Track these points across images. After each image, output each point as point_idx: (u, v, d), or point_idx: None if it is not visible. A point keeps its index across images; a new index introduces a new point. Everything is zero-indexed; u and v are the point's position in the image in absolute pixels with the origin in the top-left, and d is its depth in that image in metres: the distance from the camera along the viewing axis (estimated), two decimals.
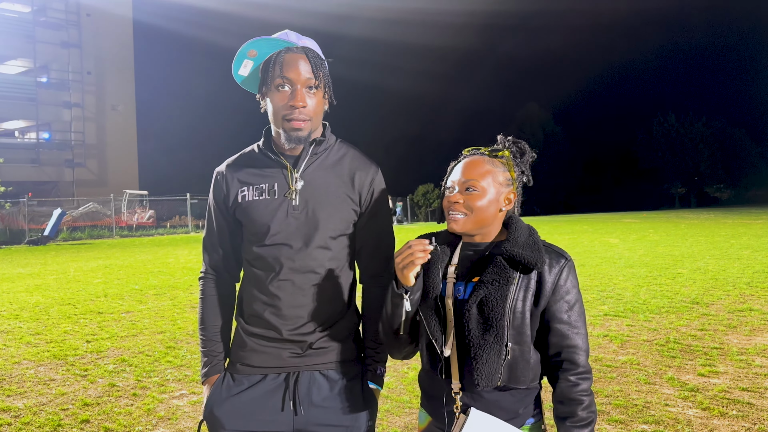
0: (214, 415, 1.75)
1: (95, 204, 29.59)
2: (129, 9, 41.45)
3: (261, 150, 1.81)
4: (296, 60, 1.68)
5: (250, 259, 1.79)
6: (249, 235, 1.79)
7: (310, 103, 1.70)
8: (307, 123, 1.70)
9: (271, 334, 1.74)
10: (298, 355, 1.74)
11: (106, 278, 11.50)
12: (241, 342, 1.79)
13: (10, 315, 7.86)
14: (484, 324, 1.50)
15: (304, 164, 1.75)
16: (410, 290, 1.55)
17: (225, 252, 1.86)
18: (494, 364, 1.49)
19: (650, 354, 5.32)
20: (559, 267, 1.55)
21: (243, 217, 1.77)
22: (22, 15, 37.32)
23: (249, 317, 1.79)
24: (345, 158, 1.81)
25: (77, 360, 5.61)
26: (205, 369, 1.84)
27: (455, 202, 1.58)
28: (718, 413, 3.91)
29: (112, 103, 39.85)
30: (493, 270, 1.53)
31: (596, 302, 7.81)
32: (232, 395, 1.75)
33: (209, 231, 1.88)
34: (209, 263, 1.89)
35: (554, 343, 1.55)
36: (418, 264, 1.51)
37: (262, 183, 1.76)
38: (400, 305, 1.56)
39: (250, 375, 1.76)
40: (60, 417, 4.14)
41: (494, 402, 1.55)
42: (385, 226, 1.85)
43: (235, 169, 1.82)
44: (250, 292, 1.78)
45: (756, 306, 7.25)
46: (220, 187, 1.82)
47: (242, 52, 1.72)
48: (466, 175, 1.59)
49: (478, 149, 1.65)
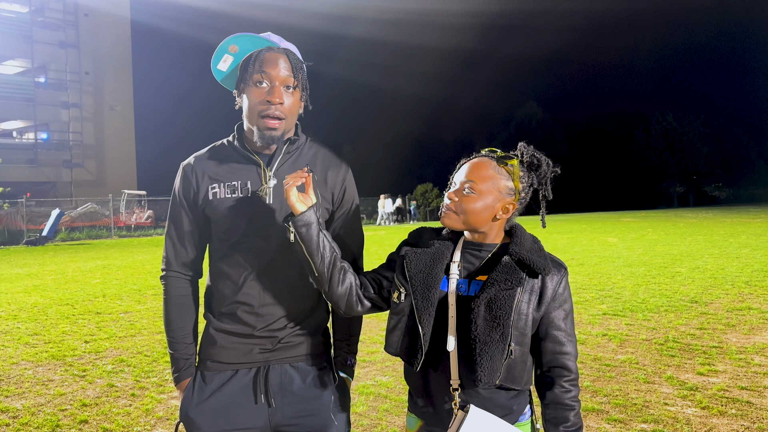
0: (189, 417, 1.75)
1: (93, 204, 29.53)
2: (127, 9, 41.37)
3: (232, 146, 1.79)
4: (276, 58, 1.69)
5: (220, 256, 1.78)
6: (219, 233, 1.77)
7: (287, 101, 1.70)
8: (281, 122, 1.70)
9: (242, 331, 1.74)
10: (268, 350, 1.75)
11: (104, 278, 11.48)
12: (211, 339, 1.78)
13: (9, 315, 7.85)
14: (491, 322, 1.51)
15: (277, 163, 1.75)
16: (294, 220, 1.59)
17: (190, 249, 1.82)
18: (497, 362, 1.50)
19: (649, 353, 5.32)
20: (560, 276, 1.60)
21: (213, 215, 1.75)
22: (19, 15, 37.24)
23: (219, 315, 1.78)
24: (316, 157, 1.82)
25: (76, 360, 5.60)
26: (176, 373, 1.82)
27: (450, 199, 1.61)
28: (717, 412, 3.91)
29: (110, 104, 39.78)
30: (502, 270, 1.55)
31: (595, 301, 7.81)
32: (206, 397, 1.75)
33: (174, 227, 1.82)
34: (174, 260, 1.83)
35: (549, 348, 1.60)
36: (292, 187, 1.58)
37: (233, 180, 1.75)
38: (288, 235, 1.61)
39: (221, 372, 1.76)
40: (58, 417, 4.13)
41: (490, 399, 1.57)
42: (355, 223, 1.89)
43: (204, 164, 1.78)
44: (221, 289, 1.77)
45: (755, 305, 7.25)
46: (189, 182, 1.78)
47: (223, 46, 1.71)
48: (468, 175, 1.61)
49: (494, 151, 1.64)
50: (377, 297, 1.71)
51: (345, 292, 1.66)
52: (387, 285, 1.71)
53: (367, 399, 4.35)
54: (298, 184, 1.59)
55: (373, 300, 1.71)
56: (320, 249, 1.61)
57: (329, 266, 1.63)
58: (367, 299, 1.70)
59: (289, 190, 1.58)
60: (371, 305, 1.71)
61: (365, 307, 1.70)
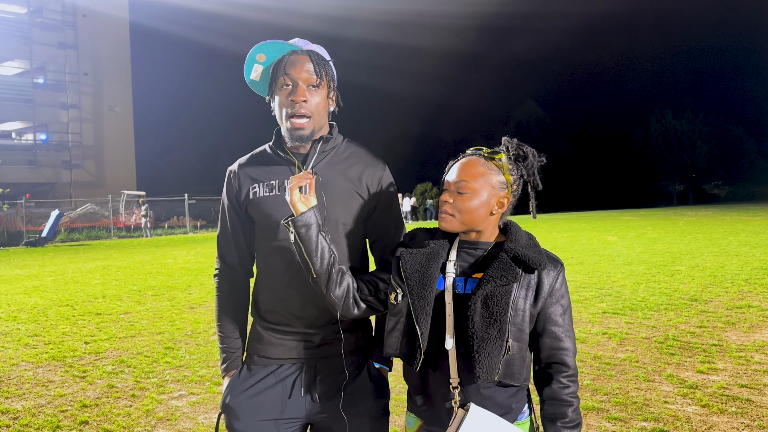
0: (229, 406, 1.82)
1: (93, 205, 29.56)
2: (125, 10, 41.41)
3: (271, 149, 1.88)
4: (299, 60, 1.77)
5: (262, 255, 1.86)
6: (261, 232, 1.85)
7: (312, 99, 1.76)
8: (308, 120, 1.76)
9: (286, 328, 1.81)
10: (312, 346, 1.80)
11: (104, 279, 11.49)
12: (258, 335, 1.86)
13: (9, 317, 7.85)
14: (488, 318, 1.52)
15: (312, 161, 1.81)
16: (294, 220, 1.60)
17: (239, 249, 1.92)
18: (495, 358, 1.50)
19: (649, 351, 5.32)
20: (556, 271, 1.60)
21: (255, 214, 1.83)
22: (18, 16, 37.26)
23: (264, 312, 1.85)
24: (353, 156, 1.87)
25: (76, 361, 5.60)
26: (224, 365, 1.91)
27: (446, 201, 1.62)
28: (718, 410, 3.91)
29: (109, 104, 39.82)
30: (498, 266, 1.56)
31: (595, 300, 7.82)
32: (248, 387, 1.81)
33: (223, 228, 1.93)
34: (224, 260, 1.94)
35: (547, 344, 1.61)
36: (294, 188, 1.60)
37: (272, 180, 1.82)
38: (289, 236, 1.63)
39: (266, 366, 1.82)
40: (59, 418, 4.13)
41: (489, 397, 1.57)
42: (396, 219, 1.92)
43: (246, 167, 1.88)
44: (264, 288, 1.85)
45: (755, 303, 7.26)
46: (232, 185, 1.88)
47: (251, 56, 1.79)
48: (459, 175, 1.61)
49: (480, 149, 1.66)
50: (374, 299, 1.72)
51: (342, 294, 1.67)
52: (383, 287, 1.72)
53: None
54: (301, 185, 1.62)
55: (369, 302, 1.71)
56: (319, 250, 1.62)
57: (327, 268, 1.64)
58: (364, 302, 1.71)
59: (292, 191, 1.61)
60: (367, 307, 1.72)
61: (361, 310, 1.71)
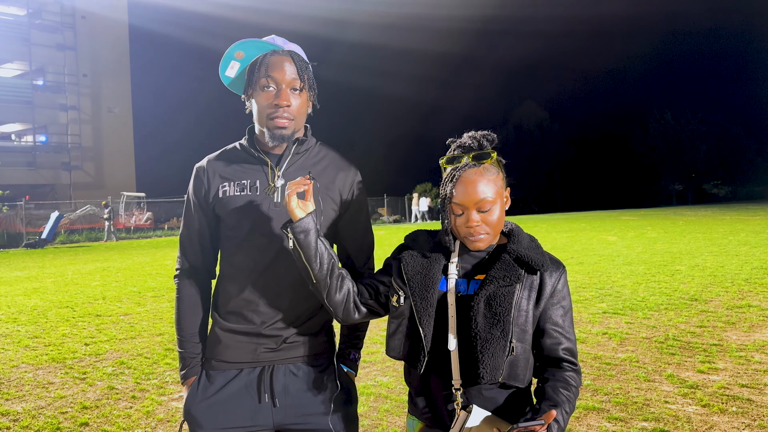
0: (191, 415, 1.76)
1: (92, 207, 29.53)
2: (124, 12, 41.36)
3: (244, 147, 1.83)
4: (282, 62, 1.72)
5: (227, 255, 1.81)
6: (227, 231, 1.80)
7: (294, 103, 1.74)
8: (291, 122, 1.74)
9: (247, 330, 1.76)
10: (272, 349, 1.76)
11: (104, 281, 11.48)
12: (216, 338, 1.80)
13: (8, 318, 7.84)
14: (491, 319, 1.51)
15: (286, 163, 1.78)
16: (292, 226, 1.59)
17: (203, 248, 1.86)
18: (499, 359, 1.50)
19: (649, 351, 5.32)
20: (558, 273, 1.60)
21: (222, 213, 1.78)
22: (17, 18, 37.21)
23: (225, 314, 1.80)
24: (325, 159, 1.84)
25: (76, 363, 5.60)
26: (183, 371, 1.84)
27: (477, 224, 1.56)
28: (718, 410, 3.91)
29: (108, 106, 39.75)
30: (501, 267, 1.55)
31: (595, 300, 7.82)
32: (209, 395, 1.76)
33: (187, 226, 1.87)
34: (187, 260, 1.87)
35: (548, 345, 1.60)
36: (293, 194, 1.59)
37: (243, 179, 1.78)
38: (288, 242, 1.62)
39: (225, 371, 1.78)
40: (59, 420, 4.13)
41: (491, 399, 1.56)
42: (366, 224, 1.91)
43: (216, 164, 1.83)
44: (228, 288, 1.80)
45: (755, 302, 7.26)
46: (201, 182, 1.82)
47: (229, 53, 1.74)
48: (476, 195, 1.55)
49: (474, 157, 1.57)
50: (374, 303, 1.70)
51: (343, 299, 1.66)
52: (384, 290, 1.70)
53: (368, 399, 4.35)
54: (300, 191, 1.60)
55: (370, 306, 1.70)
56: (318, 256, 1.61)
57: (327, 273, 1.63)
58: (364, 305, 1.70)
59: (290, 197, 1.59)
60: (368, 311, 1.71)
61: (362, 314, 1.70)
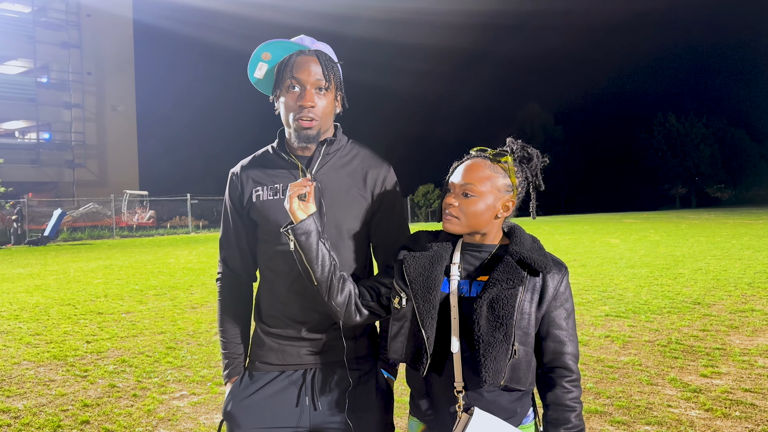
0: (230, 413, 1.79)
1: (95, 204, 29.59)
2: (129, 9, 41.45)
3: (275, 151, 1.84)
4: (307, 62, 1.72)
5: (264, 259, 1.82)
6: (263, 235, 1.81)
7: (319, 103, 1.73)
8: (315, 122, 1.72)
9: (288, 333, 1.78)
10: (314, 352, 1.78)
11: (106, 279, 11.49)
12: (260, 341, 1.83)
13: (10, 315, 7.85)
14: (494, 322, 1.50)
15: (317, 165, 1.77)
16: (293, 228, 1.58)
17: (242, 252, 1.88)
18: (501, 362, 1.49)
19: (652, 355, 5.30)
20: (561, 275, 1.59)
21: (257, 217, 1.80)
22: (22, 15, 37.32)
23: (266, 317, 1.83)
24: (357, 158, 1.83)
25: (77, 361, 5.60)
26: (226, 371, 1.88)
27: (450, 204, 1.59)
28: (721, 414, 3.89)
29: (112, 104, 39.85)
30: (504, 269, 1.54)
31: (597, 303, 7.79)
32: (249, 394, 1.78)
33: (225, 231, 1.90)
34: (227, 264, 1.90)
35: (551, 348, 1.59)
36: (294, 196, 1.59)
37: (276, 183, 1.79)
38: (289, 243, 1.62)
39: (268, 372, 1.80)
40: (60, 418, 4.12)
41: (493, 401, 1.56)
42: (400, 221, 1.88)
43: (249, 169, 1.84)
44: (266, 292, 1.83)
45: (758, 306, 7.23)
46: (235, 187, 1.84)
47: (256, 54, 1.74)
48: (465, 178, 1.59)
49: (484, 150, 1.63)
50: (376, 305, 1.69)
51: (344, 301, 1.65)
52: (385, 292, 1.69)
53: None
54: (301, 193, 1.60)
55: (371, 308, 1.69)
56: (320, 258, 1.61)
57: (328, 275, 1.62)
58: (366, 307, 1.69)
59: (291, 199, 1.59)
60: (370, 313, 1.70)
61: (363, 316, 1.69)
